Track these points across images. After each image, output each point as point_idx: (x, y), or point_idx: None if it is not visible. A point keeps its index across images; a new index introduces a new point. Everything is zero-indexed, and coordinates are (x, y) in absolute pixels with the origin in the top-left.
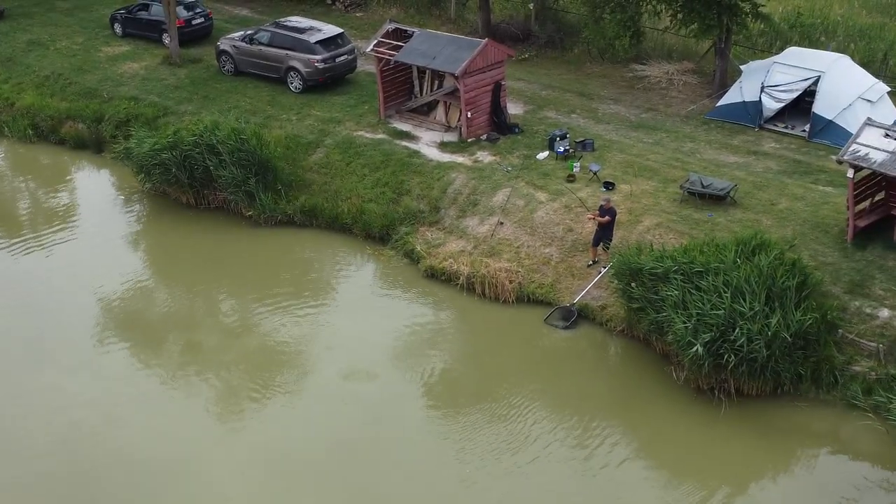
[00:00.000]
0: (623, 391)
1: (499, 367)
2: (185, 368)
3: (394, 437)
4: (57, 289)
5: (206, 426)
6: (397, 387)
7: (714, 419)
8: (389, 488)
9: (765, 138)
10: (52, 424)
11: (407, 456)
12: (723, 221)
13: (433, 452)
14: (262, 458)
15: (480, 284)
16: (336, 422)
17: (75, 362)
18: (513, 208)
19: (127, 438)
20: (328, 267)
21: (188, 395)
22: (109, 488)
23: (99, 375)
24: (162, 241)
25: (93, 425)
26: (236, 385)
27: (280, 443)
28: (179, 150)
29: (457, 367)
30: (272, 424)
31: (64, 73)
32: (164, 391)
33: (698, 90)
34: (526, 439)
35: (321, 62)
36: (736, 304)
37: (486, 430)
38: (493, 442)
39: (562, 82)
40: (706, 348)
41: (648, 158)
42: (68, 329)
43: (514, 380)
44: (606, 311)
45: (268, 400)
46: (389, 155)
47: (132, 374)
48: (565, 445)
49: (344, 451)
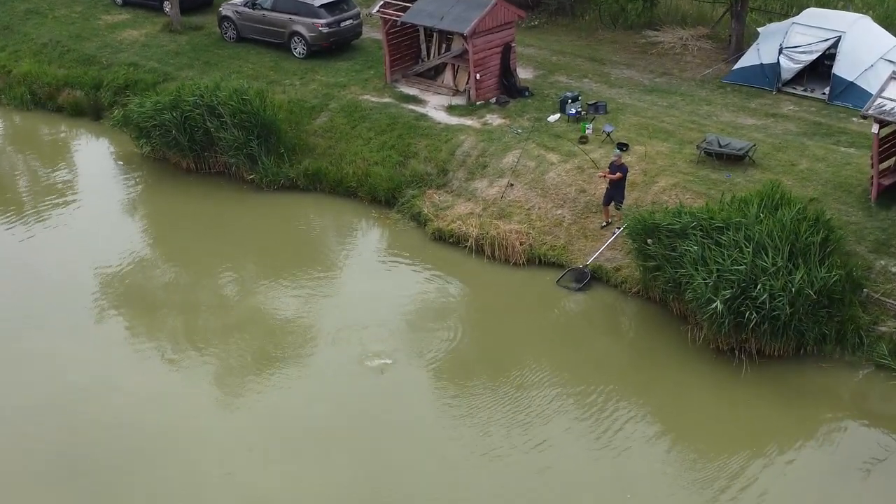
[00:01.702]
0: (639, 354)
1: (510, 331)
2: (186, 337)
3: (401, 408)
4: (54, 258)
5: (207, 395)
6: (405, 355)
7: (734, 381)
8: (397, 460)
9: (783, 101)
10: (47, 389)
11: (415, 428)
12: (741, 182)
13: (443, 423)
14: (265, 426)
15: (490, 246)
16: (342, 390)
17: (73, 330)
18: (523, 170)
19: (125, 404)
20: (332, 232)
21: (189, 364)
22: (104, 454)
23: (97, 344)
24: (161, 207)
25: (89, 391)
26: (238, 354)
27: (283, 412)
28: (180, 110)
29: (466, 332)
30: (274, 394)
31: (62, 41)
32: (163, 360)
33: (713, 55)
34: (539, 405)
35: (326, 26)
36: (758, 260)
37: (497, 399)
38: (505, 412)
39: (573, 48)
40: (726, 305)
41: (663, 121)
42: (66, 298)
43: (526, 344)
44: (621, 272)
45: (270, 370)
46: (396, 118)
47: (131, 344)
48: (579, 412)
49: (349, 422)
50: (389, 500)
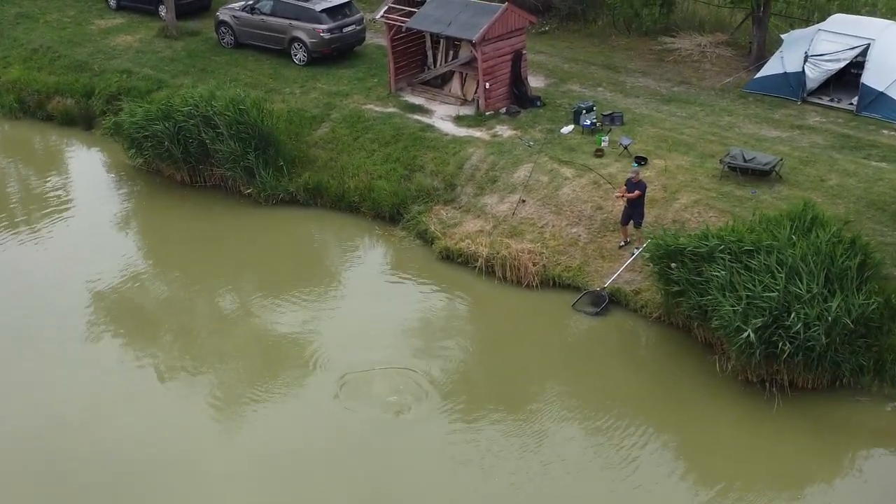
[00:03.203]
0: (661, 385)
1: (522, 358)
2: (180, 360)
3: (404, 438)
4: (43, 275)
5: (200, 423)
6: (409, 381)
7: (765, 415)
8: (398, 490)
9: (808, 112)
10: (33, 417)
11: (418, 459)
12: (768, 198)
13: (447, 455)
14: (262, 456)
15: (501, 267)
16: (342, 420)
17: (62, 352)
18: (536, 185)
19: (114, 434)
20: (333, 249)
21: (182, 390)
22: (91, 488)
23: (87, 366)
24: (154, 222)
25: (77, 419)
26: (234, 379)
27: (280, 441)
28: (173, 120)
29: (475, 358)
30: (272, 421)
31: (53, 47)
32: (156, 384)
33: (733, 63)
34: (552, 441)
35: (327, 32)
36: (791, 286)
37: (507, 430)
38: (515, 445)
39: (585, 55)
40: (758, 335)
41: (683, 132)
42: (55, 317)
43: (539, 373)
44: (641, 295)
45: (268, 395)
46: (400, 129)
47: (122, 366)
48: (596, 447)
49: (349, 452)
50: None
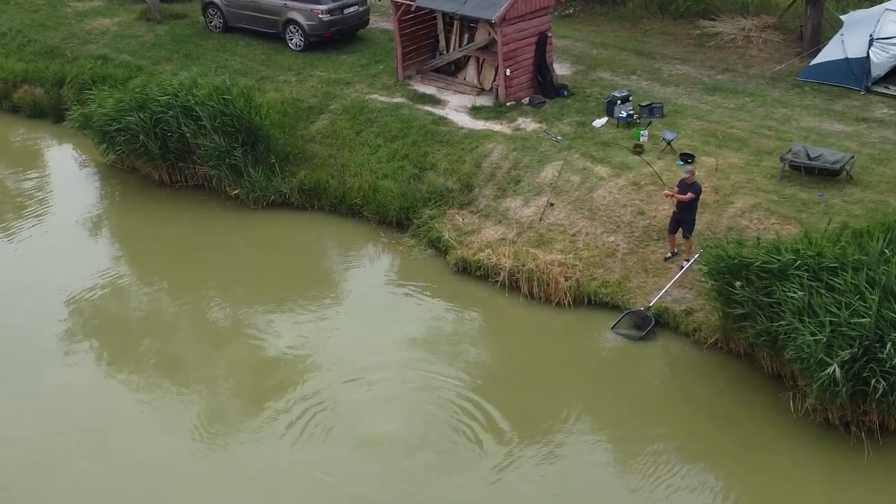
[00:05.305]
0: (722, 426)
1: (553, 390)
2: (161, 383)
3: (412, 479)
4: (6, 287)
5: (186, 454)
6: (419, 414)
7: (851, 466)
8: None
9: (874, 103)
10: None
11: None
12: (839, 202)
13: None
14: (256, 490)
15: (527, 282)
16: (343, 455)
17: (27, 376)
18: (566, 186)
19: (91, 468)
20: (332, 259)
21: (165, 417)
22: None
23: (58, 394)
24: (130, 227)
25: (50, 455)
26: (223, 404)
27: (275, 473)
28: (149, 111)
29: (497, 391)
30: (266, 451)
31: (23, 31)
32: (135, 411)
33: (783, 48)
34: (592, 493)
35: (327, 14)
36: (886, 310)
37: (536, 477)
38: (545, 496)
39: (615, 40)
40: (844, 370)
41: (733, 126)
42: (20, 335)
43: (573, 408)
44: (693, 316)
45: (261, 422)
46: (409, 122)
47: (98, 391)
48: (646, 501)
49: (354, 488)
50: None
